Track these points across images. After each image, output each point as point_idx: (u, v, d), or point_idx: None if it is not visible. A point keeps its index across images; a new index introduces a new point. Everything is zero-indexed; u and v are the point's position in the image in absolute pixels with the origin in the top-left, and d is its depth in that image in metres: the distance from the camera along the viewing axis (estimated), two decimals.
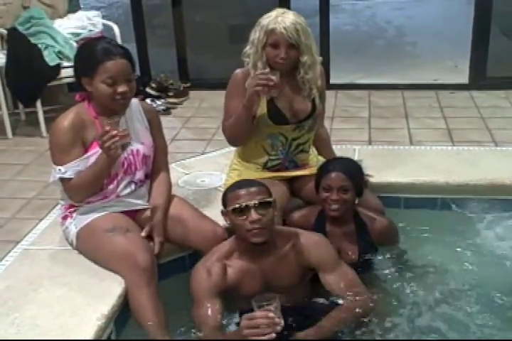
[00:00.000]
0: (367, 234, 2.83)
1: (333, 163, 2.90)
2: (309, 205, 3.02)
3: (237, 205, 2.38)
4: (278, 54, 2.82)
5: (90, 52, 2.60)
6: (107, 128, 2.44)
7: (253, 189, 2.41)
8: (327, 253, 2.58)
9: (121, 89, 2.56)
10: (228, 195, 2.46)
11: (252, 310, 2.19)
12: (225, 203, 2.48)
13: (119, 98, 2.57)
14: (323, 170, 2.84)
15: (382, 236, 2.86)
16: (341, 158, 3.04)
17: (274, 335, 2.10)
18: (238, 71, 2.99)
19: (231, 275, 2.46)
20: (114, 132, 2.42)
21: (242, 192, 2.40)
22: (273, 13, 2.85)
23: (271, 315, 2.10)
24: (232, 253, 2.50)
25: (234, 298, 2.50)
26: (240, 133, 2.98)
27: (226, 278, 2.45)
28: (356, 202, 2.82)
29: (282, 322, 2.12)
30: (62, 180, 2.62)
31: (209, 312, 2.37)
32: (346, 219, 2.83)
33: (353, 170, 2.84)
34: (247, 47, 2.92)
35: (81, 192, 2.67)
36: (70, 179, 2.60)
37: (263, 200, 2.39)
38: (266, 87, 2.71)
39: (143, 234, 2.67)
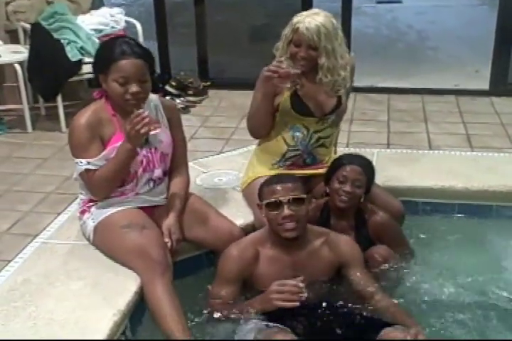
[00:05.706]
0: (365, 227, 2.85)
1: (351, 157, 2.93)
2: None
3: (271, 200, 2.44)
4: (298, 52, 2.87)
5: (108, 50, 2.61)
6: (140, 110, 2.45)
7: (288, 185, 2.46)
8: (357, 250, 2.64)
9: (132, 89, 2.54)
10: (264, 189, 2.52)
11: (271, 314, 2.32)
12: (260, 196, 2.54)
13: (130, 98, 2.55)
14: (340, 162, 2.87)
15: (377, 231, 2.85)
16: (356, 154, 3.03)
17: (297, 304, 2.28)
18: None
19: (262, 262, 2.50)
20: (145, 114, 2.43)
21: (278, 187, 2.46)
22: (305, 12, 2.89)
23: (301, 284, 2.30)
24: (266, 242, 2.55)
25: (252, 290, 2.52)
26: (257, 123, 3.01)
27: (257, 264, 2.50)
28: (362, 199, 2.83)
29: (306, 294, 2.30)
30: (87, 172, 2.60)
31: (231, 293, 2.45)
32: (349, 213, 2.86)
33: (368, 167, 2.88)
34: (280, 41, 2.96)
35: (103, 186, 2.64)
36: (95, 171, 2.59)
37: (296, 197, 2.44)
38: (276, 73, 2.75)
39: (166, 239, 2.64)
